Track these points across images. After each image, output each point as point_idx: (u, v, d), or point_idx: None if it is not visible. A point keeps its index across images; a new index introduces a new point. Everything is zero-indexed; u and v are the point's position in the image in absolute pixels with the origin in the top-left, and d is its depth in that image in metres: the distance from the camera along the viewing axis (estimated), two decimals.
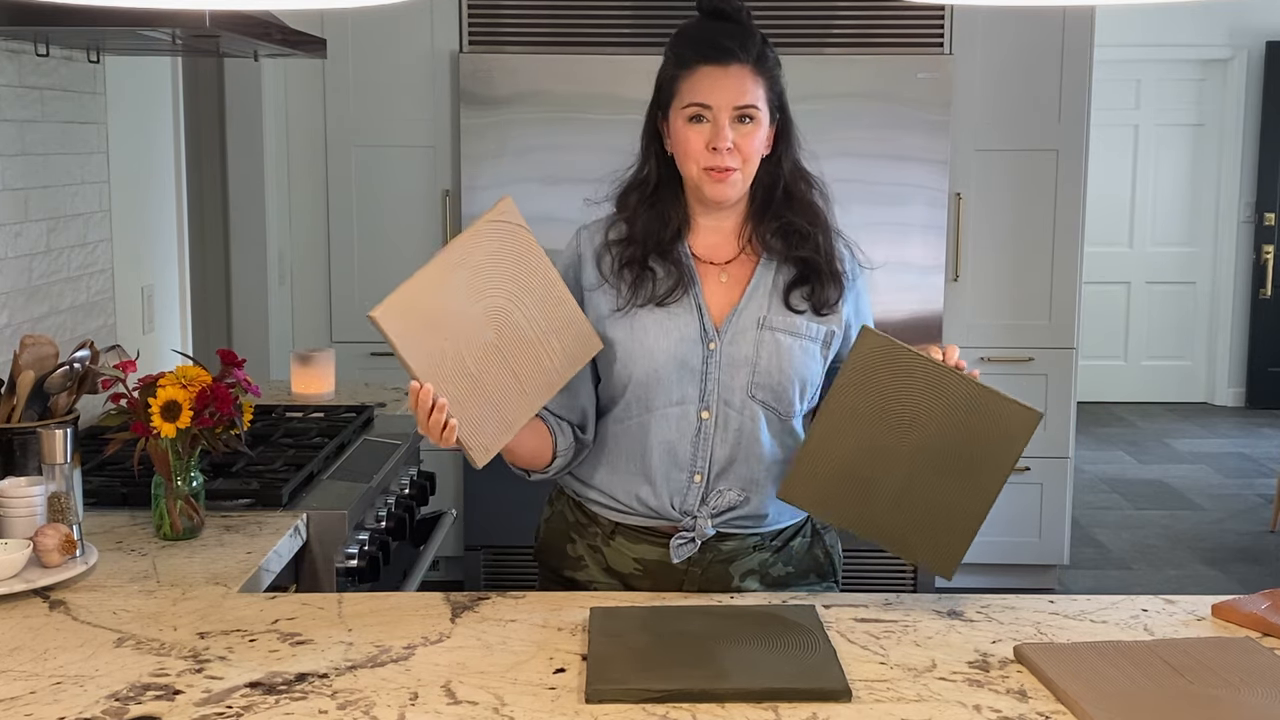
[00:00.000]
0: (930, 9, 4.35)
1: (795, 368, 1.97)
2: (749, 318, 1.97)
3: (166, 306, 3.57)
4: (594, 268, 2.02)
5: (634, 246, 1.99)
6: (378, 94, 4.46)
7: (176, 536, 2.12)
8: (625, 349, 1.97)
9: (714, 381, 1.96)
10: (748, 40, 1.96)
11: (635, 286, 1.97)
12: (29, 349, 2.27)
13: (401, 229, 4.52)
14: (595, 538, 2.05)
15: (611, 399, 2.02)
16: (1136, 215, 8.13)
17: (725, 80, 1.93)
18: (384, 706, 1.48)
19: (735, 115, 1.93)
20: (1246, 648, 1.66)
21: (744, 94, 1.93)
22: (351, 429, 2.83)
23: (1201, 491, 6.28)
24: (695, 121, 1.94)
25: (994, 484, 1.84)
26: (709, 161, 1.93)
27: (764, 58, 1.97)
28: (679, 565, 1.99)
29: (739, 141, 1.93)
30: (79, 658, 1.63)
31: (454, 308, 1.82)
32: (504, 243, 1.88)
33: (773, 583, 2.03)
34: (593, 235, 2.06)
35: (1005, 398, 1.88)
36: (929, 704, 1.51)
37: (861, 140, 4.31)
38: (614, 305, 1.99)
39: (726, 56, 1.93)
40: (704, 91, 1.93)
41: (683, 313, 1.97)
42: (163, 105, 3.56)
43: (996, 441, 1.85)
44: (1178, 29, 7.71)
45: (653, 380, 1.96)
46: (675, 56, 1.98)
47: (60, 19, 2.36)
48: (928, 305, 4.40)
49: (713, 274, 2.01)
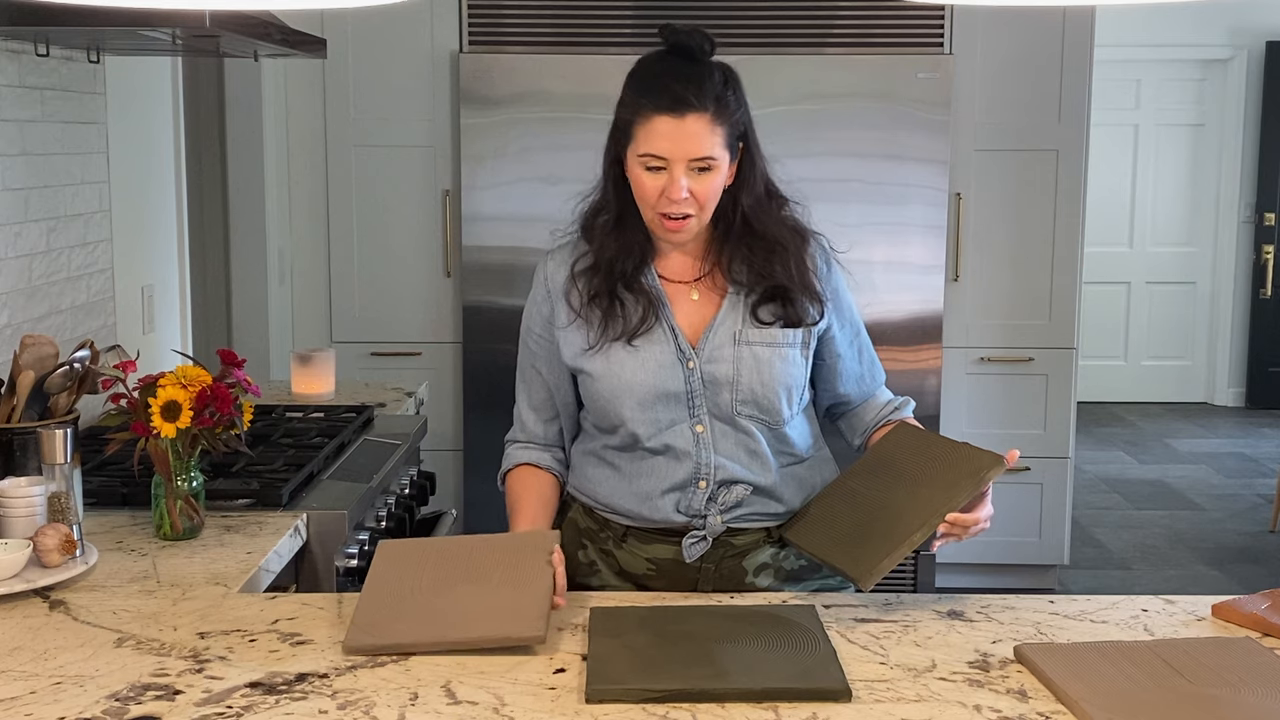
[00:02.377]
0: (930, 9, 4.35)
1: (778, 378, 1.97)
2: (724, 334, 1.97)
3: (166, 306, 3.57)
4: (564, 304, 2.02)
5: (600, 277, 1.98)
6: (378, 94, 4.46)
7: (176, 536, 2.12)
8: (608, 385, 1.97)
9: (700, 398, 1.97)
10: (705, 84, 1.89)
11: (606, 321, 1.97)
12: (29, 349, 2.27)
13: (401, 229, 4.52)
14: (607, 542, 2.05)
15: (606, 431, 2.02)
16: (1136, 215, 8.13)
17: (680, 133, 1.87)
18: (384, 706, 1.48)
19: (693, 166, 1.89)
20: (1246, 648, 1.66)
21: (700, 146, 1.88)
22: (351, 429, 2.83)
23: (1201, 491, 6.28)
24: (651, 170, 1.91)
25: (943, 504, 1.82)
26: (664, 209, 1.92)
27: (722, 102, 1.90)
28: (692, 564, 2.00)
29: (695, 189, 1.90)
30: (79, 658, 1.63)
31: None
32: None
33: (787, 576, 2.04)
34: (558, 269, 2.04)
35: (981, 450, 1.90)
36: (929, 704, 1.51)
37: (861, 140, 4.31)
38: (587, 343, 1.99)
39: (682, 107, 1.87)
40: (658, 142, 1.88)
41: (657, 339, 1.96)
42: (163, 105, 3.56)
43: (963, 472, 1.86)
44: (1178, 29, 7.71)
45: (640, 413, 1.96)
46: (632, 100, 1.93)
47: (60, 19, 2.36)
48: (928, 305, 4.40)
49: (682, 293, 2.01)
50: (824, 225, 2.13)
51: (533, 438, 2.12)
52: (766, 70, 4.29)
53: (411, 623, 1.68)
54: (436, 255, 4.52)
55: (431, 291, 4.54)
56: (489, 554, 1.85)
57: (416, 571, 1.81)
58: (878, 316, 4.38)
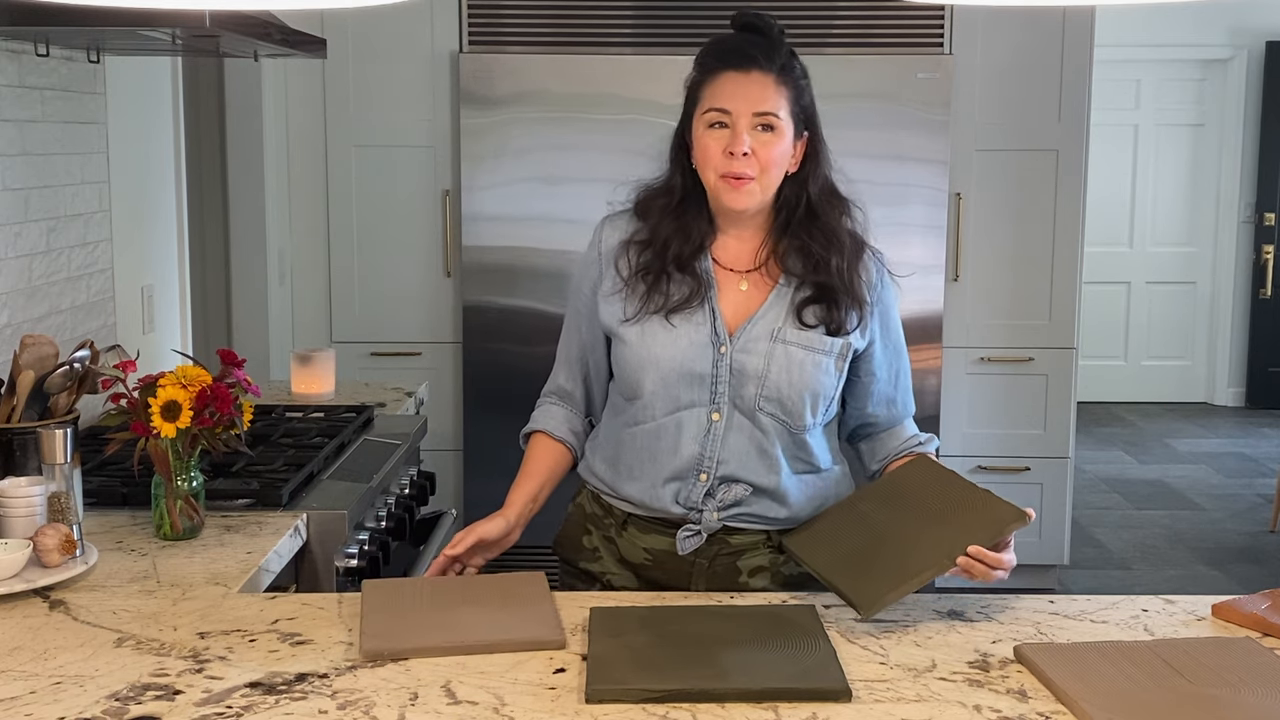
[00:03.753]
0: (930, 9, 4.35)
1: (806, 381, 1.96)
2: (763, 328, 1.97)
3: (166, 306, 3.57)
4: (612, 270, 2.03)
5: (654, 254, 2.00)
6: (378, 94, 4.46)
7: (176, 536, 2.12)
8: (636, 354, 1.98)
9: (724, 385, 1.96)
10: (773, 51, 1.96)
11: (649, 295, 1.98)
12: (29, 349, 2.27)
13: (401, 229, 4.52)
14: (610, 529, 2.07)
15: (624, 399, 2.04)
16: (1136, 215, 8.13)
17: (746, 86, 1.93)
18: (384, 706, 1.48)
19: (755, 123, 1.93)
20: (1246, 648, 1.66)
21: (764, 100, 1.93)
22: (351, 429, 2.83)
23: (1201, 491, 6.28)
24: (715, 128, 1.94)
25: (957, 546, 1.79)
26: (726, 168, 1.93)
27: (789, 68, 1.97)
28: (686, 557, 2.00)
29: (757, 149, 1.93)
30: (79, 658, 1.63)
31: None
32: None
33: (784, 582, 2.03)
34: (613, 232, 2.06)
35: (1003, 500, 1.86)
36: (929, 704, 1.51)
37: (861, 140, 4.31)
38: (625, 314, 2.00)
39: (748, 63, 1.94)
40: (724, 96, 1.94)
41: (695, 318, 1.97)
42: (163, 105, 3.56)
43: (984, 519, 1.83)
44: (1178, 29, 7.71)
45: (661, 387, 1.97)
46: (700, 64, 1.99)
47: (60, 19, 2.36)
48: (928, 305, 4.40)
49: (732, 281, 2.01)
50: None
51: (561, 395, 2.16)
52: None
53: (426, 630, 1.68)
54: (436, 255, 4.52)
55: (431, 291, 4.54)
56: (483, 587, 1.87)
57: (413, 597, 1.81)
58: None
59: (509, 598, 1.81)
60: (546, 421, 2.15)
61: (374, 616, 1.73)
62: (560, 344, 2.17)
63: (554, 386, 2.17)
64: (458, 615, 1.74)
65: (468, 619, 1.72)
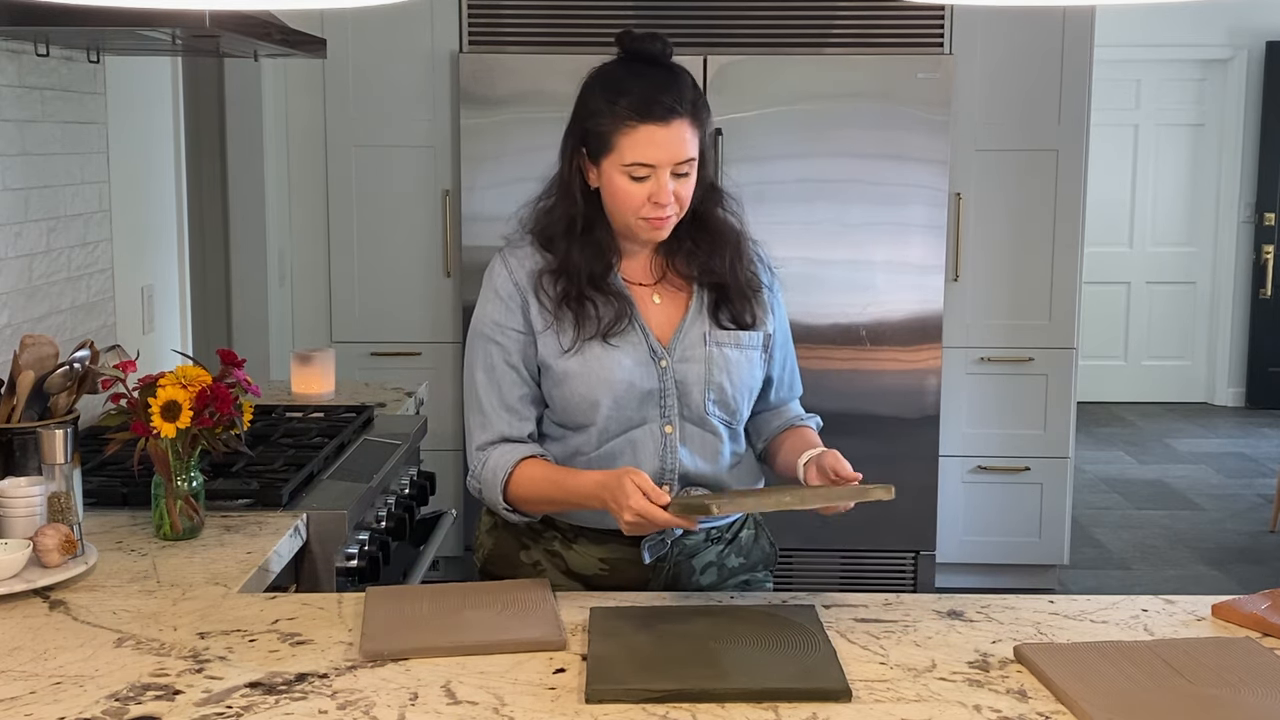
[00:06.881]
0: (930, 9, 4.35)
1: (743, 378, 2.02)
2: (694, 336, 2.00)
3: (166, 306, 3.57)
4: (536, 307, 1.99)
5: (568, 281, 1.98)
6: (378, 94, 4.46)
7: (176, 536, 2.12)
8: (585, 382, 1.96)
9: (671, 397, 1.99)
10: (682, 89, 1.93)
11: (579, 323, 1.97)
12: (29, 349, 2.27)
13: (401, 229, 4.52)
14: (553, 542, 2.05)
15: (567, 430, 2.01)
16: (1136, 215, 8.13)
17: (667, 139, 1.91)
18: (384, 706, 1.49)
19: (677, 170, 1.93)
20: (1246, 648, 1.66)
21: (684, 148, 1.92)
22: (351, 429, 2.83)
23: (1201, 491, 6.28)
24: (636, 180, 1.92)
25: (821, 494, 1.82)
26: (649, 213, 1.94)
27: (698, 105, 1.95)
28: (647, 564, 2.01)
29: (678, 191, 1.94)
30: (79, 658, 1.63)
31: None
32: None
33: (728, 574, 2.08)
34: (520, 265, 2.01)
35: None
36: (929, 704, 1.51)
37: (861, 140, 4.31)
38: (562, 346, 1.97)
39: (668, 114, 1.91)
40: (647, 152, 1.91)
41: (630, 337, 1.98)
42: (163, 105, 3.56)
43: (854, 491, 1.84)
44: (1178, 29, 7.70)
45: (615, 410, 1.97)
46: (609, 110, 1.93)
47: (60, 19, 2.36)
48: (927, 305, 4.40)
49: (645, 295, 2.03)
50: (825, 225, 2.15)
51: (513, 439, 2.00)
52: (767, 70, 4.29)
53: (426, 631, 1.69)
54: (436, 255, 4.52)
55: (431, 291, 4.54)
56: (484, 592, 1.86)
57: (414, 602, 1.81)
58: (878, 316, 4.39)
59: (510, 601, 1.81)
60: (517, 451, 1.97)
61: (375, 618, 1.73)
62: (482, 395, 1.99)
63: (493, 436, 1.99)
64: (458, 617, 1.74)
65: (468, 620, 1.72)
